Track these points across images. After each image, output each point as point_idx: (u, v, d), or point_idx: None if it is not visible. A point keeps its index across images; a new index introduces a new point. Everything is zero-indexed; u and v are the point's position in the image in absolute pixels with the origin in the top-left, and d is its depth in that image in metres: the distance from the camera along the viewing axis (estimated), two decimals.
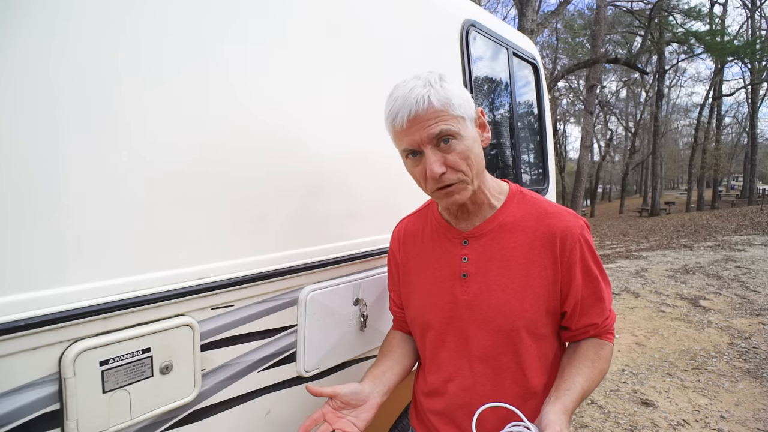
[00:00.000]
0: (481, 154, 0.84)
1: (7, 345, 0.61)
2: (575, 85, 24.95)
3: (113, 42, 0.71)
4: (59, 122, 0.66)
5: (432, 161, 0.77)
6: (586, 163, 13.04)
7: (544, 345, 0.88)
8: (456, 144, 0.78)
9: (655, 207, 22.17)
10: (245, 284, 0.89)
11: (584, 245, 0.85)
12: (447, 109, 0.77)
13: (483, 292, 0.86)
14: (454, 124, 0.77)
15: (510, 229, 0.87)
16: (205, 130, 0.84)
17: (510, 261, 0.85)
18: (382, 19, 1.26)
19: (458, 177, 0.80)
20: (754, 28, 22.98)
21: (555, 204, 0.90)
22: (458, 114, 0.78)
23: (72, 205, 0.67)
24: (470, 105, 0.81)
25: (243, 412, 0.93)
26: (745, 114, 30.06)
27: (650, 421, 2.68)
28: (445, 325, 0.90)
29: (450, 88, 0.78)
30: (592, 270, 0.86)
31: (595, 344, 0.89)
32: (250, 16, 0.91)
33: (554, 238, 0.84)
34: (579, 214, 0.89)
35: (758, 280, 5.83)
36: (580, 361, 0.87)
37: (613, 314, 0.91)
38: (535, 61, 2.20)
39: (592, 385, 0.85)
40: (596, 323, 0.88)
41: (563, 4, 10.94)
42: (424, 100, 0.76)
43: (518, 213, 0.88)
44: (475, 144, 0.81)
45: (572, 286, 0.85)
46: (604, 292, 0.88)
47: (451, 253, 0.90)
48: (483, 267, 0.87)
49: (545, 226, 0.85)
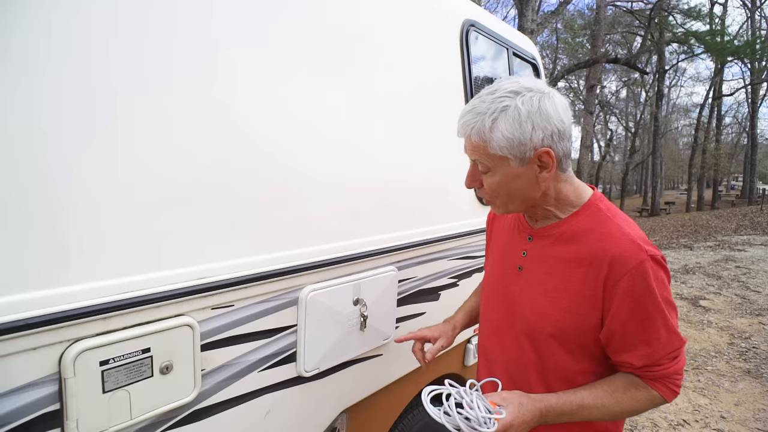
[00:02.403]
0: (527, 189, 0.84)
1: (7, 345, 0.61)
2: (575, 85, 24.93)
3: (114, 44, 0.71)
4: (59, 122, 0.65)
5: (468, 174, 0.89)
6: (586, 163, 13.04)
7: (578, 360, 0.88)
8: (488, 177, 0.84)
9: (655, 207, 22.17)
10: (245, 284, 0.89)
11: (638, 279, 0.78)
12: (486, 147, 0.80)
13: (527, 289, 0.92)
14: (487, 161, 0.82)
15: (568, 239, 0.87)
16: (205, 130, 0.84)
17: (556, 269, 0.87)
18: (381, 20, 1.26)
19: (488, 198, 0.89)
20: (754, 28, 22.97)
21: (628, 227, 0.83)
22: (497, 154, 0.80)
23: (72, 205, 0.67)
24: (520, 147, 0.78)
25: (243, 412, 0.93)
26: (745, 114, 30.04)
27: (650, 421, 2.68)
28: (495, 304, 1.01)
29: (500, 128, 0.77)
30: (645, 309, 0.79)
31: (629, 379, 0.85)
32: (236, 10, 0.91)
33: (603, 262, 0.80)
34: (652, 244, 0.82)
35: (758, 280, 5.83)
36: (601, 383, 0.86)
37: (673, 366, 0.82)
38: (535, 61, 2.19)
39: (602, 410, 0.83)
40: (632, 363, 0.83)
41: (563, 4, 10.93)
42: (466, 130, 0.82)
43: (583, 225, 0.86)
44: (514, 181, 0.82)
45: (610, 316, 0.81)
46: (654, 337, 0.80)
47: (517, 245, 0.97)
48: (534, 266, 0.92)
49: (600, 248, 0.82)
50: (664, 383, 0.83)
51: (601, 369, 0.89)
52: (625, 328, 0.81)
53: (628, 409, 0.84)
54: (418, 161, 1.38)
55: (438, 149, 1.43)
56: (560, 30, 19.86)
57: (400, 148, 1.31)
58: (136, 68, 0.74)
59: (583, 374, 0.88)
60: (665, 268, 0.82)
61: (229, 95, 0.88)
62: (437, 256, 1.48)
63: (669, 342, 0.81)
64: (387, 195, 1.27)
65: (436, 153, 1.44)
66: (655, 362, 0.82)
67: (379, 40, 1.25)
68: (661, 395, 0.84)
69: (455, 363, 1.71)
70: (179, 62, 0.80)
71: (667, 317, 0.80)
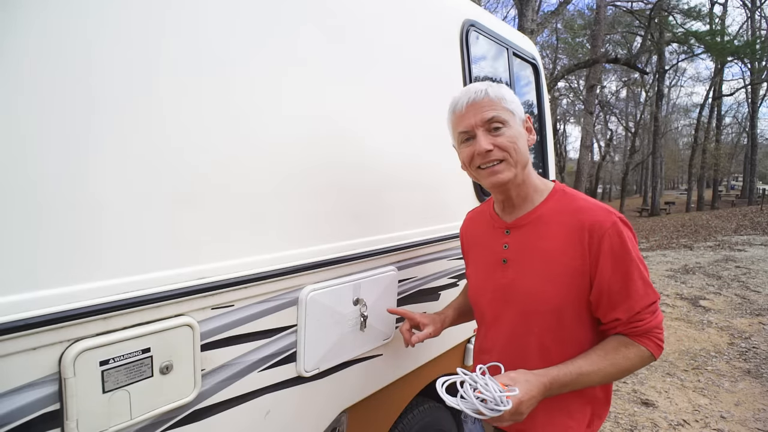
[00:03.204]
0: (526, 150, 0.96)
1: (7, 345, 0.61)
2: (575, 85, 24.94)
3: (108, 41, 0.71)
4: (60, 122, 0.65)
5: (482, 140, 0.93)
6: (586, 163, 13.03)
7: (574, 331, 0.93)
8: (505, 130, 0.93)
9: (655, 207, 22.17)
10: (245, 284, 0.89)
11: (614, 238, 0.87)
12: (500, 101, 0.93)
13: (518, 276, 0.96)
14: (504, 114, 0.93)
15: (546, 222, 0.95)
16: (205, 130, 0.84)
17: (543, 250, 0.94)
18: (381, 20, 1.26)
19: (503, 155, 0.93)
20: (754, 28, 22.97)
21: (592, 200, 0.95)
22: (509, 108, 0.94)
23: (73, 205, 0.67)
24: (520, 107, 0.97)
25: (243, 412, 0.93)
26: (745, 114, 30.04)
27: (650, 421, 2.68)
28: (486, 305, 1.05)
29: (505, 89, 0.96)
30: (624, 264, 0.88)
31: (619, 339, 0.91)
32: (234, 13, 0.91)
33: (583, 231, 0.89)
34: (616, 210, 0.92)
35: (758, 280, 5.83)
36: (594, 349, 0.91)
37: (653, 320, 0.90)
38: (535, 61, 2.20)
39: (600, 373, 0.88)
40: (619, 318, 0.89)
41: (563, 4, 10.93)
42: (483, 91, 0.94)
43: (556, 208, 0.96)
44: (521, 138, 0.95)
45: (597, 275, 0.89)
46: (634, 289, 0.88)
47: (496, 241, 1.02)
48: (520, 254, 0.97)
49: (576, 221, 0.91)
50: (649, 338, 0.90)
51: (595, 336, 0.95)
52: (610, 285, 0.88)
53: (622, 368, 0.89)
54: (418, 161, 1.38)
55: (438, 149, 1.43)
56: (560, 30, 19.87)
57: (399, 148, 1.31)
58: (134, 69, 0.74)
59: (580, 344, 0.94)
60: (631, 228, 0.92)
61: (228, 95, 0.88)
62: (437, 256, 1.48)
63: (646, 294, 0.89)
64: (387, 195, 1.27)
65: (436, 153, 1.43)
66: (637, 315, 0.89)
67: (379, 39, 1.25)
68: (648, 350, 0.90)
69: (455, 363, 1.71)
70: (187, 65, 0.80)
71: (641, 270, 0.89)
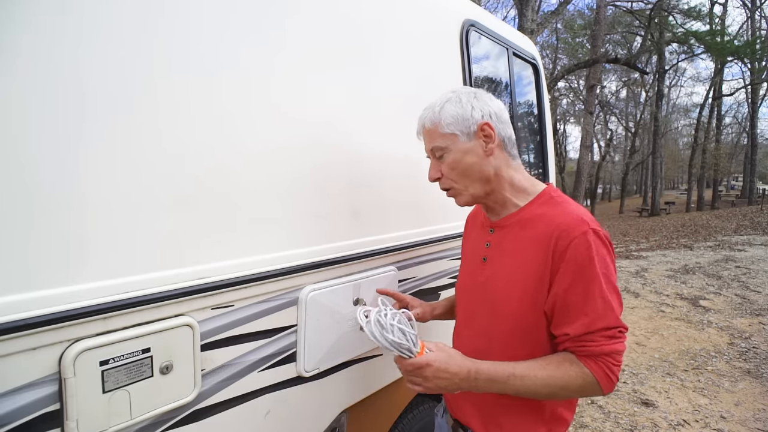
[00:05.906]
0: (478, 163, 0.92)
1: (7, 345, 0.61)
2: (575, 85, 24.92)
3: (117, 44, 0.71)
4: (60, 122, 0.65)
5: (430, 169, 0.98)
6: (586, 163, 13.03)
7: (538, 338, 0.90)
8: (446, 156, 0.93)
9: (655, 207, 22.16)
10: (245, 284, 0.89)
11: (579, 248, 0.81)
12: (436, 128, 0.93)
13: (492, 276, 0.96)
14: (441, 141, 0.93)
15: (524, 225, 0.93)
16: (205, 130, 0.84)
17: (516, 253, 0.92)
18: (381, 20, 1.26)
19: (449, 185, 0.96)
20: (754, 28, 22.95)
21: (576, 209, 0.88)
22: (448, 132, 0.92)
23: (73, 205, 0.67)
24: (464, 122, 0.91)
25: (243, 412, 0.93)
26: (745, 114, 30.02)
27: (650, 421, 2.68)
28: (465, 301, 1.05)
29: (446, 110, 0.92)
30: (585, 278, 0.81)
31: (566, 355, 0.86)
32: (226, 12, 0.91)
33: (551, 238, 0.85)
34: (597, 223, 0.86)
35: (758, 280, 5.83)
36: (539, 358, 0.87)
37: (607, 346, 0.82)
38: (535, 61, 2.19)
39: (535, 382, 0.83)
40: (568, 333, 0.83)
41: (563, 4, 10.93)
42: (422, 123, 0.96)
43: (538, 212, 0.92)
44: (466, 156, 0.92)
45: (554, 284, 0.84)
46: (592, 307, 0.81)
47: (482, 239, 1.03)
48: (496, 254, 0.97)
49: (549, 226, 0.87)
50: (597, 362, 0.82)
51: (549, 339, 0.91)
52: (566, 297, 0.83)
53: (559, 385, 0.83)
54: (417, 161, 1.38)
55: None
56: (560, 30, 19.85)
57: (399, 148, 1.31)
58: (134, 70, 0.74)
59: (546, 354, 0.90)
60: (607, 246, 0.85)
61: (227, 95, 0.88)
62: (437, 256, 1.48)
63: (605, 315, 0.81)
64: (387, 195, 1.27)
65: None
66: (589, 335, 0.82)
67: (379, 40, 1.25)
68: (594, 376, 0.82)
69: None
70: (184, 65, 0.80)
71: (604, 291, 0.82)
